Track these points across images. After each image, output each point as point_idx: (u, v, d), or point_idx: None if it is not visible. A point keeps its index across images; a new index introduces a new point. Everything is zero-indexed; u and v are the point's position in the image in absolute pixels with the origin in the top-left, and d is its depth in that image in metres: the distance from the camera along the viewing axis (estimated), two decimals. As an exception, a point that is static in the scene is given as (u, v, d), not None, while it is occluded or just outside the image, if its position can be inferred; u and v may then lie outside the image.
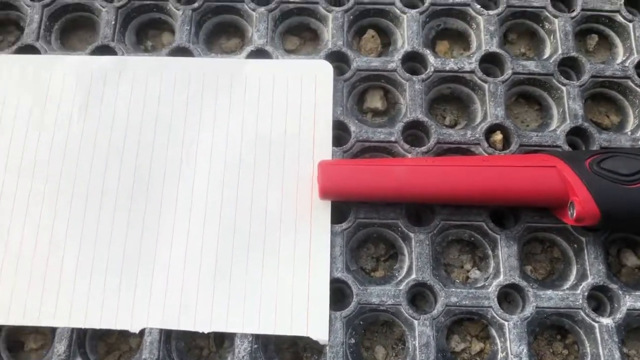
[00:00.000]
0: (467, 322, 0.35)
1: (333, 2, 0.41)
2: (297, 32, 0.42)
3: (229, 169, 0.36)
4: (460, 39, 0.42)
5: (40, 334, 0.36)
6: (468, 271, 0.36)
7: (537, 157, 0.34)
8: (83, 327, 0.34)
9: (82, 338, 0.34)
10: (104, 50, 0.39)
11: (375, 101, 0.39)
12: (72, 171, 0.36)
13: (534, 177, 0.33)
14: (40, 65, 0.38)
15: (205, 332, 0.33)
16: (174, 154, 0.37)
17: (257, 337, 0.33)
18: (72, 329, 0.34)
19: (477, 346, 0.35)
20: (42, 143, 0.37)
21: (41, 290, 0.34)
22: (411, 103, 0.38)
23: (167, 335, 0.33)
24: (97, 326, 0.33)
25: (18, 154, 0.37)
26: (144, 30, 0.42)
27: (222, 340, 0.35)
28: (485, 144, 0.37)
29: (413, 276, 0.34)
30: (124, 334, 0.35)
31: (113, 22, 0.40)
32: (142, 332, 0.33)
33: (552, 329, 0.35)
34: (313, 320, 0.33)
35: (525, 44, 0.42)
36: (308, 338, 0.33)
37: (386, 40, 0.42)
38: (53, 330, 0.34)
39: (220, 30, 0.42)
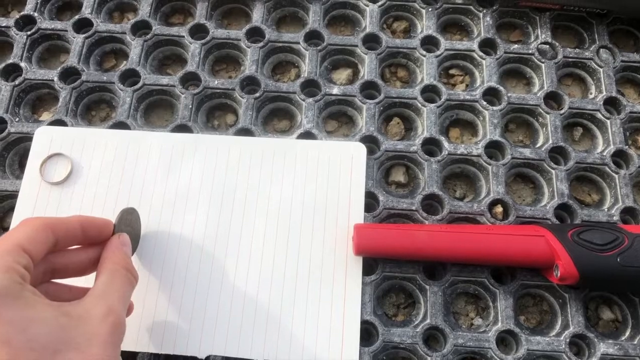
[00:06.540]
0: (470, 361, 0.42)
1: (367, 95, 0.49)
2: (335, 117, 0.50)
3: (280, 228, 0.44)
4: (469, 128, 0.50)
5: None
6: (472, 319, 0.43)
7: (530, 228, 0.42)
8: (160, 352, 0.40)
9: (156, 362, 0.41)
10: (182, 128, 0.47)
11: (399, 176, 0.47)
12: (155, 222, 0.44)
13: (527, 244, 0.40)
14: (132, 140, 0.46)
15: (260, 359, 0.40)
16: (237, 215, 0.44)
17: (300, 365, 0.40)
18: (151, 354, 0.40)
19: (478, 381, 0.42)
20: (131, 201, 0.44)
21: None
22: (429, 179, 0.45)
23: (227, 362, 0.41)
24: (171, 352, 0.40)
25: (111, 208, 0.44)
26: (212, 111, 0.50)
27: (268, 368, 0.42)
28: (489, 215, 0.44)
29: (428, 321, 0.41)
30: (188, 361, 0.42)
31: (190, 106, 0.48)
32: (207, 358, 0.40)
33: (540, 369, 0.42)
34: (346, 353, 0.40)
35: (522, 133, 0.50)
36: (342, 368, 0.40)
37: (408, 126, 0.49)
38: (134, 355, 0.40)
39: (273, 114, 0.50)
